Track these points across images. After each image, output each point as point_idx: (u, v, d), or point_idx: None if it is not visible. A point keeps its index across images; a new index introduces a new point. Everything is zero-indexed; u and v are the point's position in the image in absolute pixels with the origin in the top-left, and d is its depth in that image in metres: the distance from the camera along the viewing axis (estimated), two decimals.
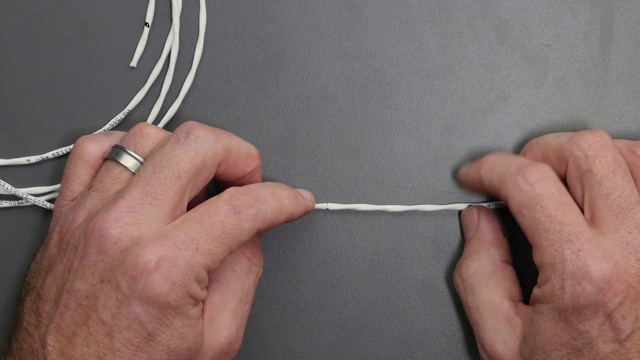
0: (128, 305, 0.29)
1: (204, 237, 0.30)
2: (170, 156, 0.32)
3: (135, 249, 0.29)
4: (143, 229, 0.30)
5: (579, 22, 0.40)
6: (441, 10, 0.40)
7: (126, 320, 0.29)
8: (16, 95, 0.39)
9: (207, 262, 0.30)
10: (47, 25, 0.40)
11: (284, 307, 0.39)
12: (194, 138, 0.32)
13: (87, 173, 0.34)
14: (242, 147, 0.34)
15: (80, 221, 0.32)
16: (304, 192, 0.37)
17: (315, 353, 0.38)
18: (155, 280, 0.29)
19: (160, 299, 0.29)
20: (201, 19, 0.40)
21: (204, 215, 0.31)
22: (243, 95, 0.40)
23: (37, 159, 0.39)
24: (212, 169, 0.33)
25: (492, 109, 0.39)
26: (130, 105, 0.39)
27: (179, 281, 0.29)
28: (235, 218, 0.31)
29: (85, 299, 0.30)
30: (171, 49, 0.39)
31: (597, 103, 0.39)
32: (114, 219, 0.30)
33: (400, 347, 0.38)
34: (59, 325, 0.30)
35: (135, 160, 0.33)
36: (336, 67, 0.40)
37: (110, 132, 0.36)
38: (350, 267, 0.39)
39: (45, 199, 0.38)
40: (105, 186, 0.33)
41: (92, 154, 0.34)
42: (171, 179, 0.31)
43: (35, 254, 0.34)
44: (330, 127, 0.39)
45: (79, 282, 0.30)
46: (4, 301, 0.38)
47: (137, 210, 0.30)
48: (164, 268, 0.29)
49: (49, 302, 0.31)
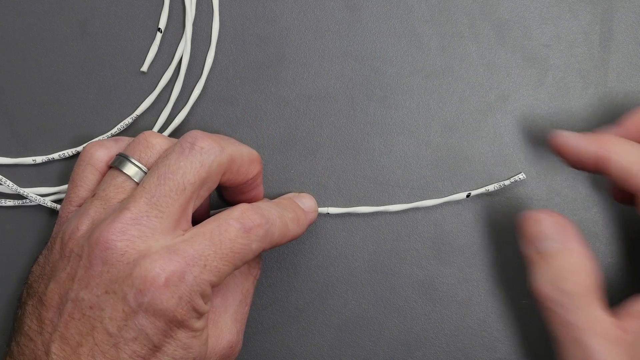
0: (134, 317, 0.29)
1: (213, 255, 0.30)
2: (175, 168, 0.31)
3: (143, 263, 0.30)
4: (150, 242, 0.30)
5: (579, 22, 0.40)
6: (441, 10, 0.40)
7: (132, 332, 0.29)
8: (22, 96, 0.39)
9: (213, 279, 0.30)
10: (50, 25, 0.40)
11: (284, 307, 0.39)
12: (198, 149, 0.32)
13: (95, 179, 0.34)
14: (245, 154, 0.34)
15: (83, 230, 0.32)
16: (306, 200, 0.37)
17: (315, 353, 0.38)
18: (163, 295, 0.29)
19: (167, 312, 0.29)
20: (214, 27, 0.39)
21: (214, 232, 0.31)
22: (243, 95, 0.39)
23: (43, 160, 0.39)
24: (217, 178, 0.33)
25: (492, 109, 0.39)
26: (138, 110, 0.39)
27: (185, 296, 0.30)
28: (245, 237, 0.31)
29: (90, 310, 0.30)
30: (182, 56, 0.39)
31: (597, 103, 0.39)
32: (119, 230, 0.30)
33: (400, 347, 0.38)
34: (64, 334, 0.30)
35: (139, 169, 0.33)
36: (336, 67, 0.40)
37: (119, 138, 0.36)
38: (350, 267, 0.39)
39: (51, 199, 0.38)
40: (109, 195, 0.32)
41: (100, 160, 0.34)
42: (176, 192, 0.31)
43: (38, 255, 0.34)
44: (330, 127, 0.39)
45: (84, 292, 0.30)
46: (5, 300, 0.38)
47: (143, 222, 0.30)
48: (172, 283, 0.29)
49: (51, 309, 0.31)
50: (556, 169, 0.39)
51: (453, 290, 0.39)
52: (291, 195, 0.38)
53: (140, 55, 0.40)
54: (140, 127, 0.39)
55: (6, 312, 0.38)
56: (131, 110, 0.39)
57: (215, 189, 0.34)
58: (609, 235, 0.39)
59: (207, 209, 0.37)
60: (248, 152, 0.34)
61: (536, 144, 0.39)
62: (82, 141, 0.39)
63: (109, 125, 0.39)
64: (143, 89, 0.39)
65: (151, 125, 0.39)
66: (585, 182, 0.39)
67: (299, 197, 0.37)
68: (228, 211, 0.32)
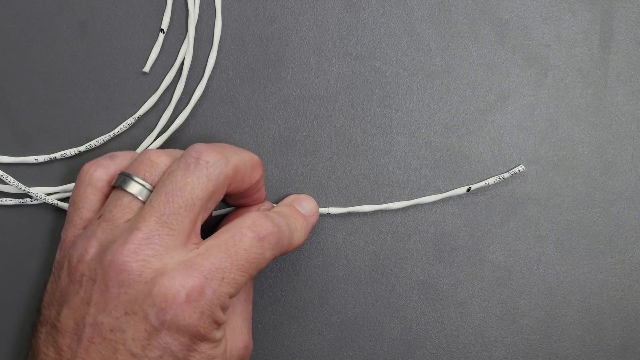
0: (158, 335, 0.29)
1: (229, 267, 0.30)
2: (183, 184, 0.31)
3: (162, 281, 0.29)
4: (165, 259, 0.30)
5: (579, 22, 0.40)
6: (441, 10, 0.40)
7: (157, 351, 0.30)
8: (24, 96, 0.39)
9: (231, 290, 0.31)
10: (51, 25, 0.40)
11: (284, 307, 0.39)
12: (204, 164, 0.32)
13: (97, 199, 0.34)
14: (247, 161, 0.34)
15: (92, 252, 0.31)
16: (306, 204, 0.37)
17: (315, 353, 0.38)
18: (185, 311, 0.29)
19: (190, 328, 0.30)
20: (216, 28, 0.39)
21: (229, 243, 0.31)
22: (243, 95, 0.39)
23: (45, 159, 0.39)
24: (223, 190, 0.33)
25: (492, 109, 0.39)
26: (141, 110, 0.39)
27: (206, 310, 0.30)
28: (259, 247, 0.31)
29: (110, 332, 0.30)
30: (185, 57, 0.39)
31: (597, 103, 0.39)
32: (133, 251, 0.30)
33: (400, 347, 0.38)
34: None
35: (144, 187, 0.32)
36: (336, 67, 0.40)
37: (114, 155, 0.35)
38: (350, 267, 0.39)
39: (54, 198, 0.38)
40: (115, 215, 0.32)
41: (100, 180, 0.34)
42: (185, 208, 0.31)
43: (45, 283, 0.34)
44: (330, 127, 0.39)
45: (102, 315, 0.30)
46: (7, 299, 0.38)
47: (155, 241, 0.30)
48: (193, 299, 0.29)
49: (67, 335, 0.31)
50: (556, 169, 0.39)
51: (453, 290, 0.39)
52: (291, 198, 0.38)
53: (141, 55, 0.40)
54: (142, 127, 0.39)
55: (7, 310, 0.38)
56: (133, 110, 0.39)
57: None
58: (609, 235, 0.39)
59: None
60: (250, 158, 0.34)
61: (536, 144, 0.39)
62: (84, 141, 0.39)
63: (111, 125, 0.39)
64: (144, 89, 0.39)
65: (153, 125, 0.39)
66: (585, 182, 0.39)
67: (299, 201, 0.37)
68: (240, 220, 0.32)
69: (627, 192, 0.39)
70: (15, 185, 0.38)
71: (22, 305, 0.38)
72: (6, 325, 0.38)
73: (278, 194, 0.39)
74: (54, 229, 0.39)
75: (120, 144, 0.39)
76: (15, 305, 0.38)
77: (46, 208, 0.39)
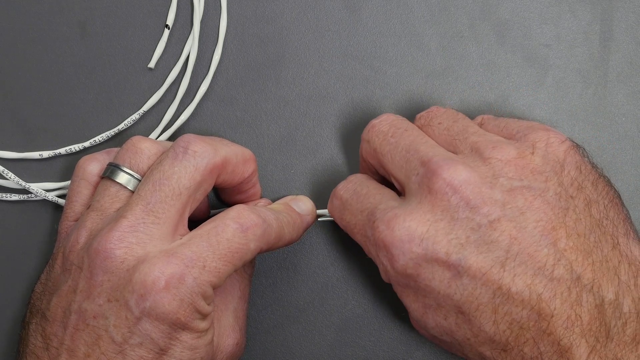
0: (138, 323, 0.29)
1: (211, 255, 0.30)
2: (170, 173, 0.32)
3: (142, 267, 0.30)
4: (148, 248, 0.30)
5: (579, 22, 0.40)
6: (441, 10, 0.40)
7: (138, 338, 0.30)
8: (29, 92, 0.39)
9: (213, 279, 0.30)
10: (52, 24, 0.40)
11: (284, 307, 0.39)
12: (192, 153, 0.32)
13: (89, 192, 0.34)
14: (239, 154, 0.34)
15: (82, 242, 0.32)
16: (302, 203, 0.37)
17: (315, 353, 0.38)
18: (164, 298, 0.29)
19: (169, 315, 0.30)
20: (221, 25, 0.39)
21: (211, 233, 0.31)
22: (243, 95, 0.40)
23: (49, 154, 0.39)
24: (211, 181, 0.33)
25: (492, 109, 0.39)
26: (145, 106, 0.39)
27: (186, 298, 0.30)
28: (242, 237, 0.31)
29: (93, 319, 0.30)
30: (189, 53, 0.39)
31: (597, 103, 0.39)
32: (117, 238, 0.30)
33: (400, 347, 0.38)
34: (70, 347, 0.30)
35: (132, 177, 0.33)
36: (336, 67, 0.40)
37: (111, 150, 0.36)
38: (350, 267, 0.39)
39: (56, 194, 0.38)
40: (104, 205, 0.32)
41: (93, 174, 0.34)
42: (172, 197, 0.31)
43: (40, 275, 0.34)
44: (330, 127, 0.39)
45: (86, 302, 0.30)
46: (7, 295, 0.38)
47: (140, 229, 0.31)
48: (172, 285, 0.29)
49: (55, 324, 0.31)
50: None
51: None
52: (288, 198, 0.38)
53: (145, 52, 0.40)
54: (146, 123, 0.39)
55: (8, 307, 0.38)
56: (137, 107, 0.39)
57: (211, 190, 0.34)
58: None
59: (207, 210, 0.37)
60: (242, 151, 0.34)
61: None
62: (88, 137, 0.39)
63: (115, 120, 0.39)
64: (148, 86, 0.39)
65: (157, 122, 0.39)
66: None
67: (296, 201, 0.37)
68: (224, 212, 0.32)
69: (627, 192, 0.39)
70: (15, 181, 0.38)
71: (21, 300, 0.38)
72: (5, 320, 0.38)
73: (278, 194, 0.39)
74: (54, 225, 0.39)
75: (125, 140, 0.39)
76: (14, 300, 0.38)
77: (47, 204, 0.39)
